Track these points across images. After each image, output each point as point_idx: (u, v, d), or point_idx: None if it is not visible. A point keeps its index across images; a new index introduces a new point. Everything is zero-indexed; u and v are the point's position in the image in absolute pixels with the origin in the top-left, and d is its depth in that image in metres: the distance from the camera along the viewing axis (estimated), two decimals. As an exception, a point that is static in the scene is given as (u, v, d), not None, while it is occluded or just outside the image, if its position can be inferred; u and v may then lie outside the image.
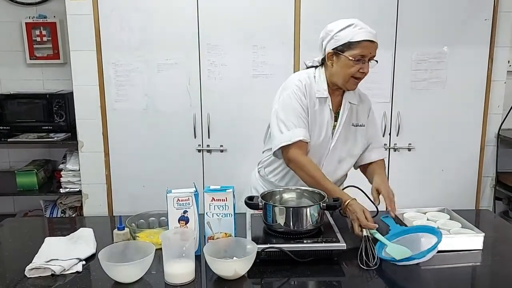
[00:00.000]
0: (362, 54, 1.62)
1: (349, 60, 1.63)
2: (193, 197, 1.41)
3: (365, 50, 1.62)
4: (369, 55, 1.63)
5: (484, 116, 2.96)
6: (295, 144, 1.67)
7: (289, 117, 1.69)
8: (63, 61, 3.26)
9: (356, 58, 1.62)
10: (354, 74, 1.65)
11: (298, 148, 1.68)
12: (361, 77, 1.67)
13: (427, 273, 1.38)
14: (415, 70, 2.89)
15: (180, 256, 1.29)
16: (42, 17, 3.22)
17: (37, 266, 1.33)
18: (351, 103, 1.79)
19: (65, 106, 3.06)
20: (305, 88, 1.72)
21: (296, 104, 1.70)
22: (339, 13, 2.77)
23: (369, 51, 1.63)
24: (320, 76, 1.75)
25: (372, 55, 1.65)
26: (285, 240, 1.42)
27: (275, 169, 1.86)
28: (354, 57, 1.62)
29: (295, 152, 1.68)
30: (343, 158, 1.79)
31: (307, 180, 1.68)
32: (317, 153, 1.75)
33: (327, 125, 1.74)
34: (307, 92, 1.72)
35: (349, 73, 1.65)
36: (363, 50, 1.61)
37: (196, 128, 2.92)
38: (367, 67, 1.64)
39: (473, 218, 1.78)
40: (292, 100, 1.70)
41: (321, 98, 1.73)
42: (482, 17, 2.83)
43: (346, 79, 1.67)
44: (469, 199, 3.05)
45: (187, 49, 2.83)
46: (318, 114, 1.73)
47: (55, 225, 1.94)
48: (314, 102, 1.73)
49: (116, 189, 3.00)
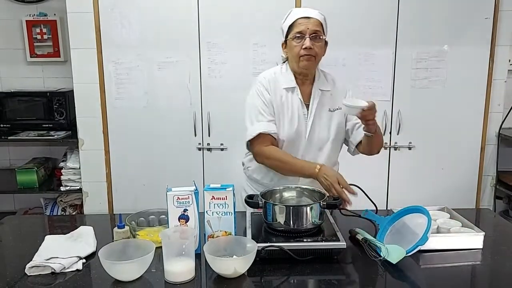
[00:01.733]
0: (299, 30, 1.72)
1: (291, 41, 1.74)
2: (193, 195, 1.41)
3: (301, 26, 1.72)
4: (307, 30, 1.71)
5: (485, 115, 2.96)
6: (257, 138, 1.76)
7: (251, 114, 1.79)
8: (64, 59, 3.26)
9: (294, 36, 1.72)
10: (300, 52, 1.72)
11: (261, 141, 1.76)
12: (307, 53, 1.71)
13: (427, 271, 1.39)
14: (415, 68, 2.88)
15: (180, 254, 1.29)
16: (43, 15, 3.21)
17: (37, 264, 1.33)
18: (322, 90, 1.82)
19: (66, 104, 3.06)
20: (269, 83, 1.79)
21: (259, 101, 1.78)
22: (339, 12, 2.79)
23: (306, 27, 1.71)
24: (286, 69, 1.84)
25: (312, 30, 1.71)
26: (285, 238, 1.42)
27: (257, 167, 1.89)
28: (293, 36, 1.73)
29: (259, 145, 1.77)
30: (324, 145, 1.81)
31: (277, 165, 1.76)
32: (295, 143, 1.79)
33: (298, 114, 1.78)
34: (271, 86, 1.79)
35: (295, 53, 1.73)
36: (299, 27, 1.72)
37: (197, 126, 2.91)
38: (308, 42, 1.70)
39: (473, 217, 1.78)
40: (254, 97, 1.80)
41: (288, 88, 1.80)
42: (483, 15, 2.83)
43: (296, 60, 1.74)
44: (470, 198, 3.04)
45: (187, 47, 2.83)
46: (286, 105, 1.79)
47: (55, 223, 1.94)
48: (281, 95, 1.79)
49: (116, 187, 3.00)
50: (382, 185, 2.99)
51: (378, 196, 1.77)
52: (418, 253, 1.41)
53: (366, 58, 2.86)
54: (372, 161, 2.91)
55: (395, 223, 1.55)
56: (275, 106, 1.78)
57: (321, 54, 1.77)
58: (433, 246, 1.45)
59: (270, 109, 1.78)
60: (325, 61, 2.85)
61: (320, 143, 1.81)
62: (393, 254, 1.36)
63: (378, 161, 2.96)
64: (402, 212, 1.55)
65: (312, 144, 1.80)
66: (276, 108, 1.78)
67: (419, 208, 1.51)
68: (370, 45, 2.84)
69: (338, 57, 2.84)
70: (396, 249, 1.37)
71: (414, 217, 1.50)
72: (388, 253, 1.36)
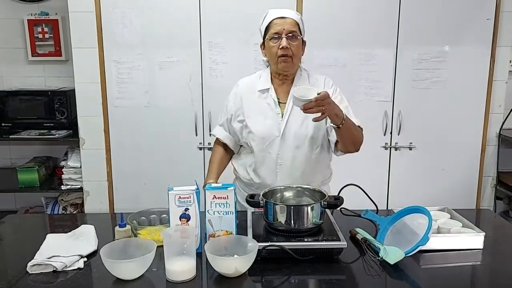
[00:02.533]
0: (275, 31, 1.73)
1: (269, 42, 1.76)
2: (194, 194, 1.41)
3: (277, 26, 1.73)
4: (283, 31, 1.72)
5: (486, 115, 2.96)
6: (216, 138, 1.98)
7: (221, 116, 1.97)
8: (65, 58, 3.27)
9: (271, 37, 1.74)
10: (277, 53, 1.73)
11: (216, 142, 2.00)
12: (284, 53, 1.71)
13: (428, 272, 1.39)
14: (416, 69, 2.88)
15: (181, 253, 1.30)
16: (44, 14, 3.22)
17: (39, 263, 1.34)
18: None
19: (67, 103, 3.07)
20: (242, 89, 1.88)
21: (227, 107, 1.92)
22: (340, 12, 2.80)
23: (282, 27, 1.72)
24: (267, 72, 1.88)
25: (288, 30, 1.72)
26: (285, 238, 1.42)
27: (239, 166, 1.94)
28: (270, 36, 1.75)
29: (214, 145, 2.01)
30: (301, 143, 1.80)
31: None
32: (269, 141, 1.80)
33: (272, 113, 1.81)
34: (243, 91, 1.87)
35: (273, 53, 1.75)
36: (274, 27, 1.74)
37: (197, 125, 2.92)
38: (284, 41, 1.71)
39: (473, 218, 1.78)
40: (226, 103, 1.93)
41: (262, 90, 1.84)
42: (484, 16, 2.83)
43: (275, 60, 1.76)
44: (470, 199, 3.05)
45: (188, 47, 2.83)
46: (258, 105, 1.83)
47: (56, 222, 1.94)
48: (255, 97, 1.85)
49: (117, 187, 3.01)
50: (382, 185, 2.99)
51: (378, 196, 1.77)
52: (419, 253, 1.41)
53: (367, 58, 2.86)
54: (372, 161, 2.94)
55: (395, 223, 1.55)
56: (248, 107, 1.84)
57: (298, 54, 1.78)
58: (433, 246, 1.45)
59: (232, 116, 1.89)
60: (326, 61, 2.89)
61: (296, 141, 1.79)
62: (392, 255, 1.36)
63: (378, 161, 2.98)
64: (403, 212, 1.55)
65: (288, 141, 1.79)
66: (248, 109, 1.84)
67: (420, 208, 1.51)
68: (371, 45, 2.84)
69: (339, 58, 2.84)
70: (394, 251, 1.38)
71: (415, 217, 1.51)
72: (387, 254, 1.37)
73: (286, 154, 1.79)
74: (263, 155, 1.81)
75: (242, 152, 1.95)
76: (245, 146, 1.90)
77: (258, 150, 1.82)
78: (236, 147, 1.97)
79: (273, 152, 1.80)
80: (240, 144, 1.94)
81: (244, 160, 1.91)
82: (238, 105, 1.86)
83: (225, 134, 1.95)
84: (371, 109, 2.89)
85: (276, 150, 1.79)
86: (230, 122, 1.90)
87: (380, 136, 2.95)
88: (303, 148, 1.80)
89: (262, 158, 1.82)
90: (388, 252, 1.37)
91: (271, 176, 1.81)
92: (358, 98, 2.86)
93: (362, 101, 2.87)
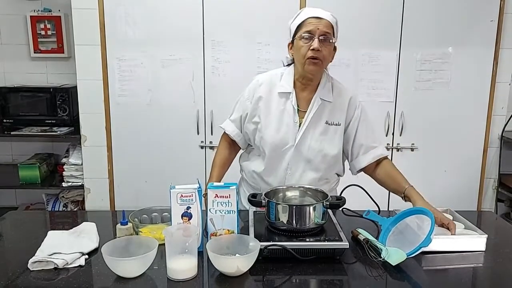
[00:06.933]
0: (308, 30, 1.62)
1: (299, 41, 1.65)
2: (196, 193, 1.41)
3: (310, 26, 1.62)
4: (316, 30, 1.61)
5: (488, 117, 2.96)
6: (224, 133, 1.91)
7: (233, 110, 1.86)
8: (67, 55, 3.27)
9: (302, 36, 1.63)
10: (307, 54, 1.62)
11: (224, 137, 1.92)
12: (314, 55, 1.61)
13: (429, 273, 1.39)
14: (419, 70, 2.88)
15: (182, 252, 1.29)
16: (47, 10, 3.22)
17: (40, 259, 1.33)
18: (323, 100, 1.73)
19: (69, 100, 3.07)
20: (262, 89, 1.75)
21: (243, 104, 1.80)
22: (343, 12, 2.79)
23: (316, 27, 1.61)
24: (289, 73, 1.76)
25: (322, 31, 1.61)
26: (287, 238, 1.42)
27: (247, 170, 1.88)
28: (301, 36, 1.63)
29: (221, 139, 1.94)
30: (314, 157, 1.73)
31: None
32: (280, 150, 1.73)
33: (289, 120, 1.72)
34: (263, 92, 1.75)
35: (302, 54, 1.64)
36: (308, 26, 1.63)
37: (199, 124, 2.92)
38: (316, 43, 1.60)
39: (475, 220, 1.77)
40: (241, 96, 1.83)
41: (282, 93, 1.73)
42: (488, 18, 2.82)
43: (302, 61, 1.65)
44: (471, 201, 3.05)
45: (191, 45, 2.83)
46: (276, 109, 1.73)
47: (58, 219, 1.94)
48: (272, 99, 1.74)
49: (118, 184, 3.01)
50: (384, 186, 2.99)
51: (380, 197, 1.76)
52: (420, 255, 1.41)
53: (370, 59, 2.86)
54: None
55: (397, 224, 1.54)
56: (264, 110, 1.73)
57: (328, 59, 1.68)
58: (435, 247, 1.44)
59: (246, 113, 1.79)
60: (329, 61, 2.87)
61: (310, 154, 1.72)
62: (393, 256, 1.36)
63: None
64: (405, 214, 1.54)
65: (301, 154, 1.72)
66: (264, 113, 1.74)
67: (422, 209, 1.51)
68: (375, 46, 2.84)
69: (342, 58, 2.84)
70: (396, 252, 1.37)
71: (417, 218, 1.50)
72: (389, 255, 1.36)
73: (297, 165, 1.74)
74: (273, 162, 1.75)
75: (251, 153, 1.87)
76: (256, 148, 1.82)
77: (269, 157, 1.75)
78: (245, 145, 1.89)
79: (284, 161, 1.74)
80: (250, 143, 1.87)
81: (253, 163, 1.84)
82: (256, 105, 1.75)
83: (236, 132, 1.85)
84: (374, 109, 2.87)
85: (287, 159, 1.73)
86: (244, 121, 1.80)
87: (382, 136, 2.95)
88: (314, 162, 1.73)
89: (272, 165, 1.75)
90: (390, 253, 1.37)
91: (279, 184, 1.73)
92: (360, 98, 2.79)
93: (365, 102, 2.84)
